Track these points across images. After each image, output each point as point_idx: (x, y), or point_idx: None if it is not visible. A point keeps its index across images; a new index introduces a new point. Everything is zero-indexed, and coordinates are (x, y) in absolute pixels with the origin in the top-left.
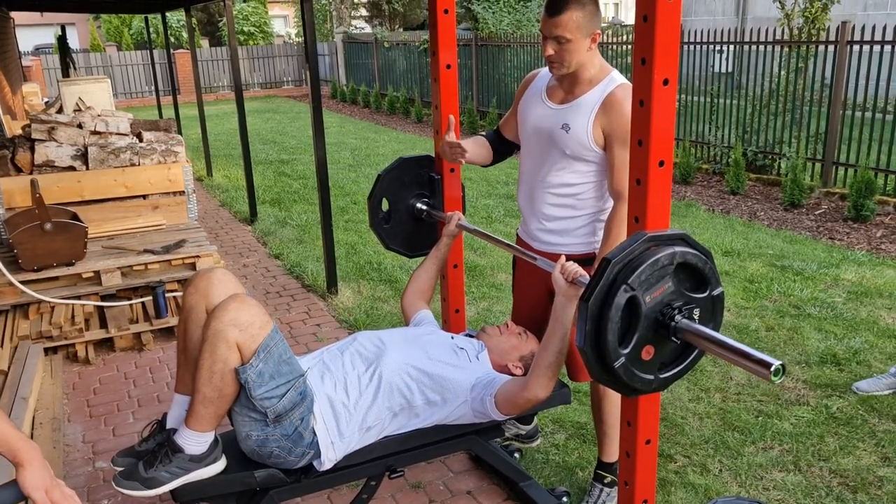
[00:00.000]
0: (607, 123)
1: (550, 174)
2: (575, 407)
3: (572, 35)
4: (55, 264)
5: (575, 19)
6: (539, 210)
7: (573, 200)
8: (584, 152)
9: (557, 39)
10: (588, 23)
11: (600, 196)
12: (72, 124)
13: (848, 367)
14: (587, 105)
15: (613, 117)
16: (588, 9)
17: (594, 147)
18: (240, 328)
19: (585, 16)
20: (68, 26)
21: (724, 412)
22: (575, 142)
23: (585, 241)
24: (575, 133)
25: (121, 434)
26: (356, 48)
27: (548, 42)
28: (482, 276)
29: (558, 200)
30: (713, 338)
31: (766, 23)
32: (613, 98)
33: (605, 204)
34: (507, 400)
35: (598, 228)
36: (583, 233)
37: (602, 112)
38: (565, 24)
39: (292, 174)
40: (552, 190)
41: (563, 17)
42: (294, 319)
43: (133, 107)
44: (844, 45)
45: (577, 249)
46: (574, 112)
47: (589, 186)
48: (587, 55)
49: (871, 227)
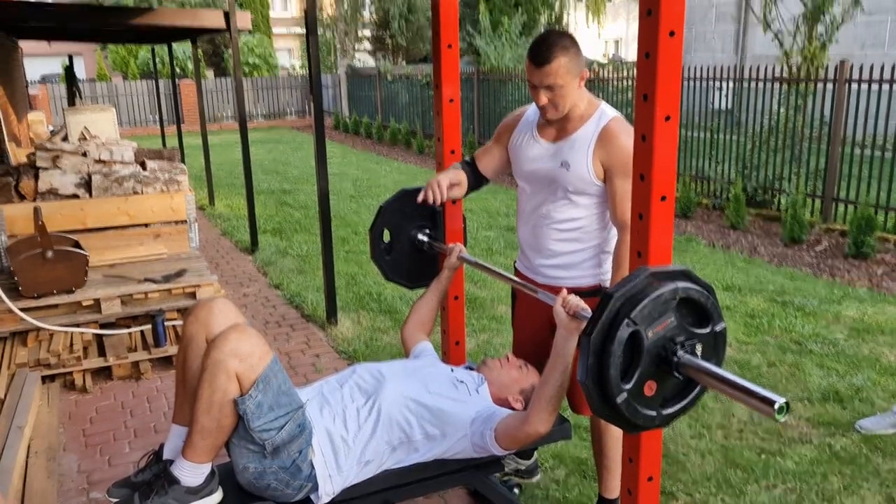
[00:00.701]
0: (606, 156)
1: (554, 211)
2: (575, 442)
3: (563, 80)
4: (55, 292)
5: (563, 65)
6: (545, 247)
7: (578, 234)
8: (585, 187)
9: (550, 87)
10: (575, 65)
11: (603, 227)
12: (76, 153)
13: (851, 404)
14: (583, 140)
15: (611, 150)
16: (572, 51)
17: (595, 181)
18: (239, 358)
19: (572, 59)
20: (75, 56)
21: (726, 449)
22: (577, 178)
23: (591, 273)
24: (575, 170)
25: (116, 464)
26: (359, 80)
27: (539, 91)
28: (482, 308)
29: (563, 235)
30: (716, 374)
31: (766, 60)
32: (609, 131)
33: (608, 234)
34: (508, 434)
35: (603, 260)
36: (589, 265)
37: (599, 146)
38: (555, 71)
39: (294, 204)
40: (557, 226)
41: (552, 65)
42: (293, 349)
43: (137, 135)
44: (843, 84)
45: (583, 282)
46: (571, 149)
47: (592, 219)
48: (577, 94)
49: (871, 265)
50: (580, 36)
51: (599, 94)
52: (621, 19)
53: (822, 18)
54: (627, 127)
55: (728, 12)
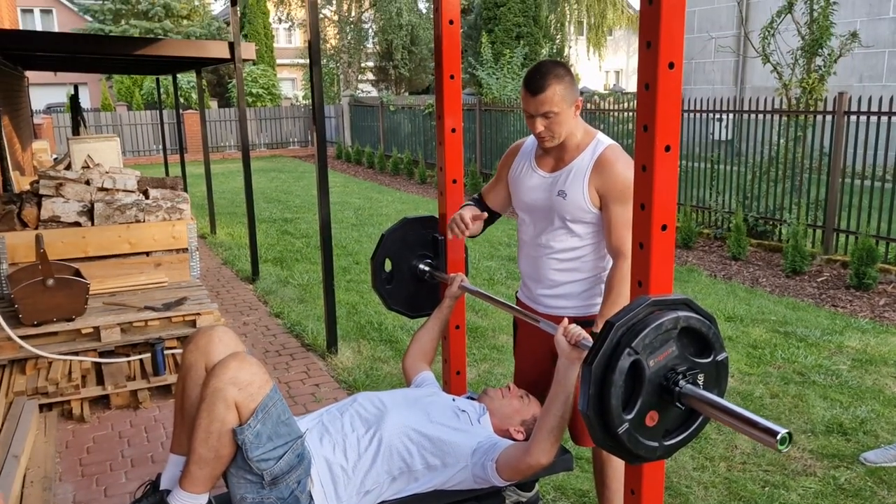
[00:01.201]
0: (601, 184)
1: (553, 241)
2: (577, 474)
3: (559, 108)
4: (55, 319)
5: (559, 93)
6: (544, 276)
7: (577, 263)
8: (582, 215)
9: (545, 115)
10: (570, 93)
11: (602, 256)
12: (80, 181)
13: (855, 436)
14: (580, 170)
15: (606, 177)
16: (566, 79)
17: (592, 209)
18: (239, 387)
19: (566, 87)
20: (81, 86)
21: (729, 482)
22: (574, 206)
23: (590, 302)
24: (572, 198)
25: (112, 494)
26: (362, 111)
27: (535, 119)
28: (483, 338)
29: (563, 265)
30: (718, 404)
31: (764, 92)
32: (605, 159)
33: (606, 263)
34: (509, 465)
35: (602, 290)
36: (588, 295)
37: (595, 174)
38: (550, 99)
39: (295, 233)
40: (556, 255)
41: (546, 93)
42: (293, 379)
43: (140, 164)
44: (842, 116)
45: (581, 312)
46: (567, 178)
47: (590, 248)
48: (572, 122)
49: (873, 296)
50: (581, 68)
51: (601, 125)
52: (622, 52)
53: (821, 51)
54: (623, 155)
55: (727, 45)
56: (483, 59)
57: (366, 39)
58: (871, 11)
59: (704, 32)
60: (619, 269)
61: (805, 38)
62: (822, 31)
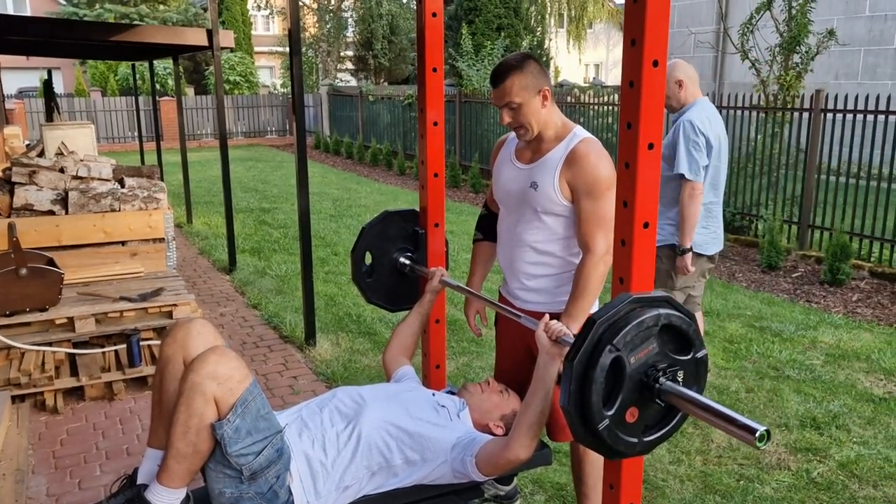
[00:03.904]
0: (571, 177)
1: (526, 233)
2: (555, 468)
3: (521, 98)
4: (28, 309)
5: (518, 83)
6: (518, 269)
7: (550, 258)
8: (553, 207)
9: (509, 106)
10: (533, 81)
11: (575, 253)
12: (53, 168)
13: (828, 430)
14: (552, 161)
15: (577, 170)
16: (528, 69)
17: (562, 201)
18: (218, 381)
19: (527, 76)
20: (54, 70)
21: (705, 475)
22: (544, 198)
23: (560, 298)
24: (543, 189)
25: (87, 487)
26: (341, 100)
27: (503, 111)
28: (462, 331)
29: (536, 258)
30: (698, 401)
31: (743, 88)
32: (576, 152)
33: (578, 259)
34: (489, 460)
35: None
36: (561, 292)
37: (566, 166)
38: (510, 89)
39: (273, 223)
40: (529, 247)
41: (506, 84)
42: (270, 371)
43: (115, 152)
44: (819, 113)
45: (556, 308)
46: (540, 170)
47: (561, 243)
48: (545, 113)
49: (846, 291)
50: (561, 60)
51: (580, 118)
52: (602, 45)
53: (798, 49)
54: (597, 149)
55: (706, 40)
56: (463, 50)
57: (345, 28)
58: (848, 10)
59: (684, 27)
60: (584, 264)
61: (783, 35)
62: (799, 29)
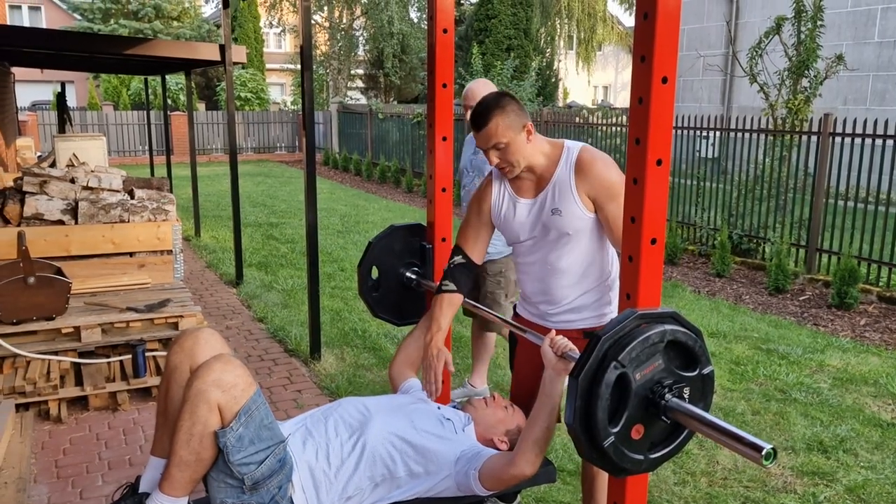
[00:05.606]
0: (589, 187)
1: (560, 260)
2: (559, 486)
3: (507, 137)
4: (35, 318)
5: (502, 123)
6: (558, 296)
7: (586, 276)
8: (582, 224)
9: (496, 147)
10: (515, 120)
11: (607, 262)
12: (64, 178)
13: (835, 454)
14: (564, 181)
15: (592, 179)
16: (509, 109)
17: (588, 214)
18: (222, 389)
19: (509, 116)
20: (67, 84)
21: (710, 497)
22: (572, 218)
23: (601, 312)
24: (568, 210)
25: (88, 497)
26: (351, 118)
27: (490, 153)
28: (466, 347)
29: (574, 280)
30: (704, 419)
31: (751, 111)
32: (582, 162)
33: (612, 269)
34: (493, 475)
35: (613, 298)
36: (598, 304)
37: (579, 179)
38: (494, 132)
39: (280, 238)
40: (565, 273)
41: (489, 127)
42: (275, 384)
43: (126, 164)
44: (827, 137)
45: (595, 322)
46: (556, 194)
47: (596, 258)
48: (531, 147)
49: (854, 315)
50: (570, 82)
51: (588, 139)
52: (611, 67)
53: (807, 73)
54: (596, 153)
55: (715, 63)
56: (473, 70)
57: (356, 47)
58: (857, 35)
59: (693, 50)
60: None
61: (792, 60)
62: (808, 53)
